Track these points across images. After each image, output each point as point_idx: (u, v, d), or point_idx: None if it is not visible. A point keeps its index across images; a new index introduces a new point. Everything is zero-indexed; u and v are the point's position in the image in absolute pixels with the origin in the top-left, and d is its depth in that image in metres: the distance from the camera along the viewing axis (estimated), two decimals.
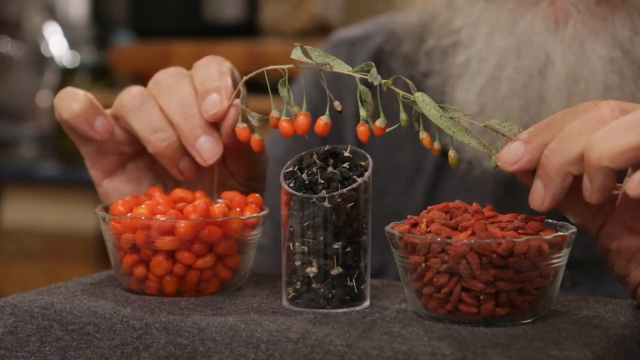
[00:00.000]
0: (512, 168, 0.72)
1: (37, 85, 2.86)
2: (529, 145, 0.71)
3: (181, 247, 0.75)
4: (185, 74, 0.83)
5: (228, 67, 0.83)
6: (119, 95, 0.84)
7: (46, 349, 0.72)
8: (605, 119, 0.69)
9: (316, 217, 0.72)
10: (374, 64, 0.73)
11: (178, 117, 0.81)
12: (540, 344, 0.65)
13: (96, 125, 0.82)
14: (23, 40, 2.92)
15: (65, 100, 0.83)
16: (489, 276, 0.68)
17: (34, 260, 2.54)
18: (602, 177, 0.68)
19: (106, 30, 2.93)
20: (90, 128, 0.82)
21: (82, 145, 0.85)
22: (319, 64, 0.75)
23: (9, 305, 0.74)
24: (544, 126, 0.72)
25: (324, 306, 0.72)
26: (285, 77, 0.75)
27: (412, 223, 0.72)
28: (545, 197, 0.71)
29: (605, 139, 0.68)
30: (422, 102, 0.73)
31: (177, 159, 0.82)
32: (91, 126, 0.82)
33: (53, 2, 3.01)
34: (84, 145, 0.85)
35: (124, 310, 0.72)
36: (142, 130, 0.82)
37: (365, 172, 0.73)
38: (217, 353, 0.68)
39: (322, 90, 0.77)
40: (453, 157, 0.75)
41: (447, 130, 0.72)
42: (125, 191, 0.86)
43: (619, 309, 0.73)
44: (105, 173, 0.86)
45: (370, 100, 0.74)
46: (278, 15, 2.46)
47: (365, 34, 1.17)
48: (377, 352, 0.64)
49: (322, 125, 0.75)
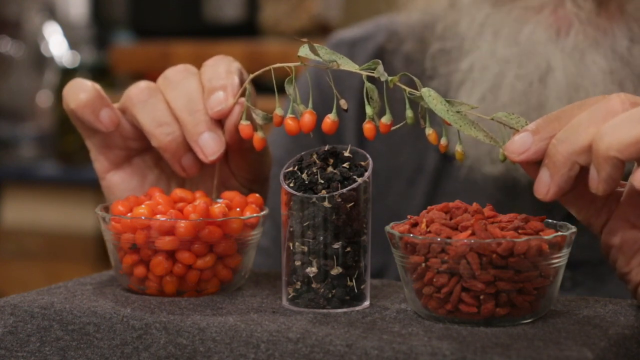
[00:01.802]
0: (520, 158, 0.72)
1: (37, 85, 2.86)
2: (536, 136, 0.71)
3: (181, 247, 0.75)
4: (193, 72, 0.84)
5: (236, 66, 0.84)
6: (127, 89, 0.84)
7: (46, 349, 0.72)
8: (615, 110, 0.69)
9: (316, 217, 0.72)
10: (380, 62, 0.74)
11: (183, 112, 0.82)
12: (540, 344, 0.65)
13: (102, 116, 0.83)
14: (23, 40, 2.92)
15: (73, 90, 0.84)
16: (489, 276, 0.68)
17: (34, 260, 2.54)
18: (609, 168, 0.68)
19: (106, 30, 2.93)
20: (96, 119, 0.83)
21: (88, 137, 0.86)
22: (326, 61, 0.75)
23: (9, 305, 0.74)
24: (553, 117, 0.72)
25: (324, 306, 0.72)
26: (292, 75, 0.76)
27: (412, 223, 0.72)
28: (551, 186, 0.71)
29: (615, 130, 0.67)
30: (429, 97, 0.73)
31: (180, 154, 0.83)
32: (97, 117, 0.83)
33: (53, 2, 3.01)
34: (90, 137, 0.86)
35: (124, 310, 0.72)
36: (147, 123, 0.82)
37: (365, 172, 0.73)
38: (217, 353, 0.68)
39: (322, 91, 0.77)
40: (460, 152, 0.75)
41: (454, 124, 0.72)
42: (128, 185, 0.86)
43: (619, 309, 0.73)
44: (110, 166, 0.86)
45: (376, 98, 0.74)
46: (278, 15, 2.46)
47: (366, 34, 1.18)
48: (377, 352, 0.64)
49: (330, 123, 0.75)
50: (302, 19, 2.43)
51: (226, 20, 2.60)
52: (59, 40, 2.92)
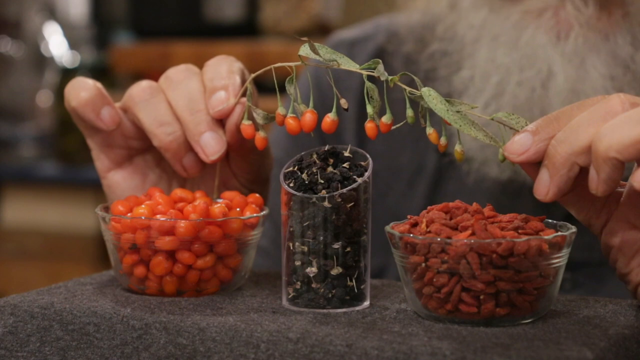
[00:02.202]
0: (519, 159, 0.72)
1: (37, 85, 2.86)
2: (536, 137, 0.71)
3: (181, 247, 0.75)
4: (195, 71, 0.84)
5: (238, 66, 0.84)
6: (129, 88, 0.85)
7: (46, 349, 0.72)
8: (615, 111, 0.69)
9: (316, 217, 0.72)
10: (380, 61, 0.74)
11: (185, 112, 0.82)
12: (540, 344, 0.65)
13: (103, 115, 0.83)
14: (23, 40, 2.92)
15: (75, 89, 0.84)
16: (489, 276, 0.67)
17: (34, 260, 2.54)
18: (609, 169, 0.67)
19: (106, 30, 2.93)
20: (97, 117, 0.83)
21: (90, 136, 0.86)
22: (326, 60, 0.75)
23: (9, 305, 0.74)
24: (552, 118, 0.72)
25: (324, 306, 0.72)
26: (293, 74, 0.76)
27: (412, 223, 0.72)
28: (550, 187, 0.71)
29: (614, 131, 0.67)
30: (429, 97, 0.73)
31: (182, 154, 0.83)
32: (98, 115, 0.83)
33: (53, 2, 3.01)
34: (92, 136, 0.86)
35: (124, 310, 0.72)
36: (148, 123, 0.82)
37: (365, 172, 0.73)
38: (217, 353, 0.68)
39: (321, 92, 0.77)
40: (460, 152, 0.75)
41: (454, 123, 0.72)
42: (129, 185, 0.86)
43: (619, 309, 0.73)
44: (111, 165, 0.86)
45: (377, 97, 0.75)
46: (278, 15, 2.46)
47: (365, 34, 1.17)
48: (377, 352, 0.64)
49: (329, 122, 0.75)
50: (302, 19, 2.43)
51: (226, 20, 2.59)
52: (59, 40, 2.92)
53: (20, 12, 2.95)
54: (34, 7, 2.95)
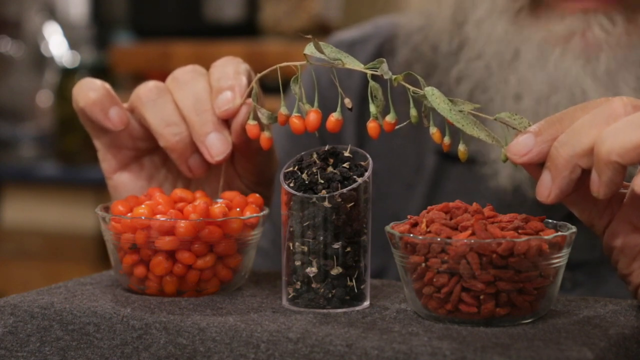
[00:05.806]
0: (521, 160, 0.72)
1: (37, 85, 2.86)
2: (539, 138, 0.71)
3: (181, 247, 0.75)
4: (202, 72, 0.84)
5: (245, 67, 0.84)
6: (136, 88, 0.85)
7: (46, 349, 0.72)
8: (618, 114, 0.69)
9: (316, 217, 0.72)
10: (385, 60, 0.74)
11: (191, 112, 0.82)
12: (540, 344, 0.65)
13: (111, 115, 0.83)
14: (23, 40, 2.92)
15: (83, 89, 0.84)
16: (489, 276, 0.68)
17: (34, 260, 2.54)
18: (610, 172, 0.67)
19: (106, 30, 2.93)
20: (105, 117, 0.83)
21: (97, 136, 0.86)
22: (331, 59, 0.75)
23: (9, 305, 0.74)
24: (555, 120, 0.72)
25: (324, 306, 0.72)
26: (297, 74, 0.76)
27: (412, 223, 0.72)
28: (552, 189, 0.71)
29: (617, 134, 0.67)
30: (432, 96, 0.73)
31: (188, 155, 0.83)
32: (106, 115, 0.83)
33: (53, 2, 3.01)
34: (99, 137, 0.86)
35: (124, 310, 0.72)
36: (155, 123, 0.82)
37: (366, 172, 0.73)
38: (217, 353, 0.68)
39: (320, 92, 0.77)
40: (463, 151, 0.75)
41: (456, 123, 0.72)
42: (135, 186, 0.86)
43: (619, 309, 0.73)
44: (118, 166, 0.86)
45: (380, 97, 0.75)
46: (278, 15, 2.46)
47: (364, 35, 1.17)
48: (377, 352, 0.64)
49: (334, 122, 0.75)
50: (302, 19, 2.43)
51: (226, 20, 2.59)
52: (59, 40, 2.92)
53: (20, 12, 2.94)
54: (34, 7, 2.95)
